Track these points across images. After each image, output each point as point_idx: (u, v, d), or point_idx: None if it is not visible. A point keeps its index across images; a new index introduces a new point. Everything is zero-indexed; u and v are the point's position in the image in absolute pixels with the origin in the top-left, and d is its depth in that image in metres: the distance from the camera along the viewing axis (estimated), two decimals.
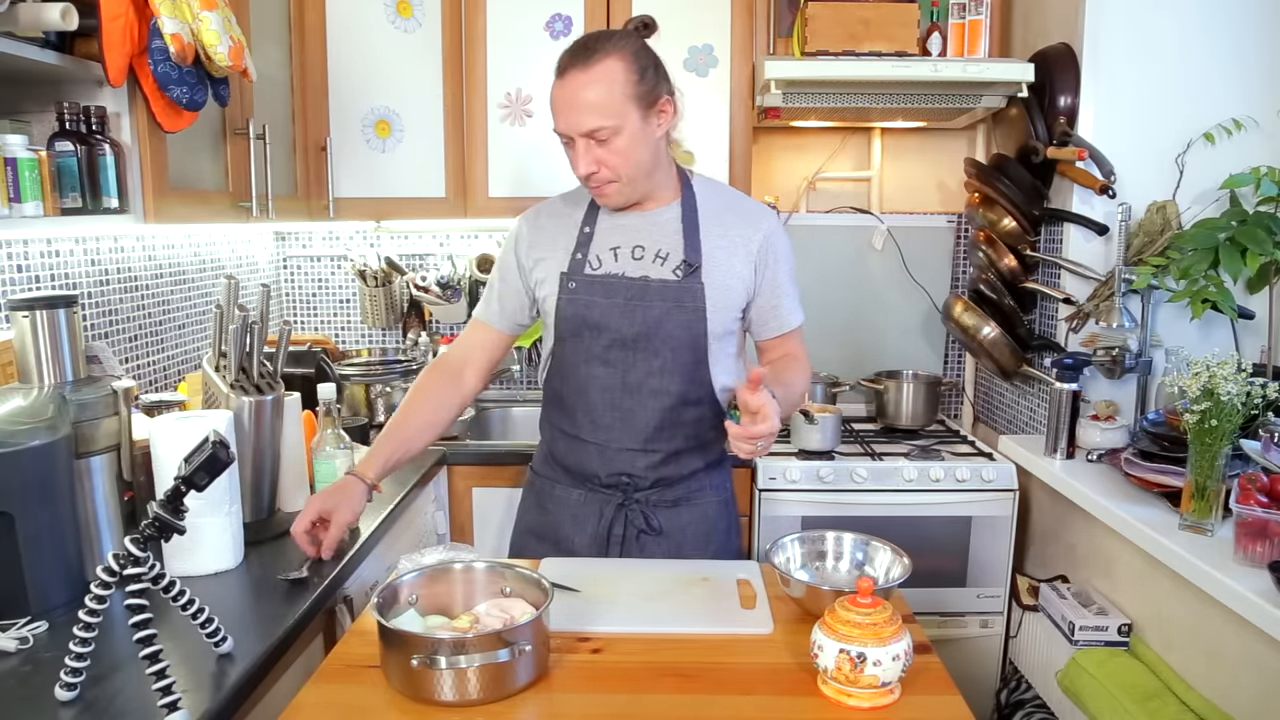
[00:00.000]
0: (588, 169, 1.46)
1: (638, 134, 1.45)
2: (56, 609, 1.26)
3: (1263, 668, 1.46)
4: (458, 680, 1.06)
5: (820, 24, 2.30)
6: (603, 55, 1.42)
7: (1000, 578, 2.29)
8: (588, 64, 1.42)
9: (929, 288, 2.79)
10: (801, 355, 1.62)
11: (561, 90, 1.44)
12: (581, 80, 1.42)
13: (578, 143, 1.45)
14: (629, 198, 1.53)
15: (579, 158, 1.45)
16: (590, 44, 1.44)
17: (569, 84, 1.43)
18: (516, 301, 1.64)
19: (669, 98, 1.49)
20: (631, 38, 1.47)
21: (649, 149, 1.48)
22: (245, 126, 1.91)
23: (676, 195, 1.58)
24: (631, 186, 1.50)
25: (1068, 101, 2.16)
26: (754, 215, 1.58)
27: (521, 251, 1.62)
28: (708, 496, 1.64)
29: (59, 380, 1.35)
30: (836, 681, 1.09)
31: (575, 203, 1.62)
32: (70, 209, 1.46)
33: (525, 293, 1.63)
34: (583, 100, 1.41)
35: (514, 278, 1.63)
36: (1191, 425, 1.57)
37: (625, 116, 1.43)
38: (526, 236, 1.62)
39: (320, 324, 2.92)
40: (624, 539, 1.60)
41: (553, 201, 1.67)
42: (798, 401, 1.57)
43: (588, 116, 1.42)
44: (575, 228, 1.58)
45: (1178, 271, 1.94)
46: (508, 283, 1.64)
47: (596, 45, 1.43)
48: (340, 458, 1.61)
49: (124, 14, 1.43)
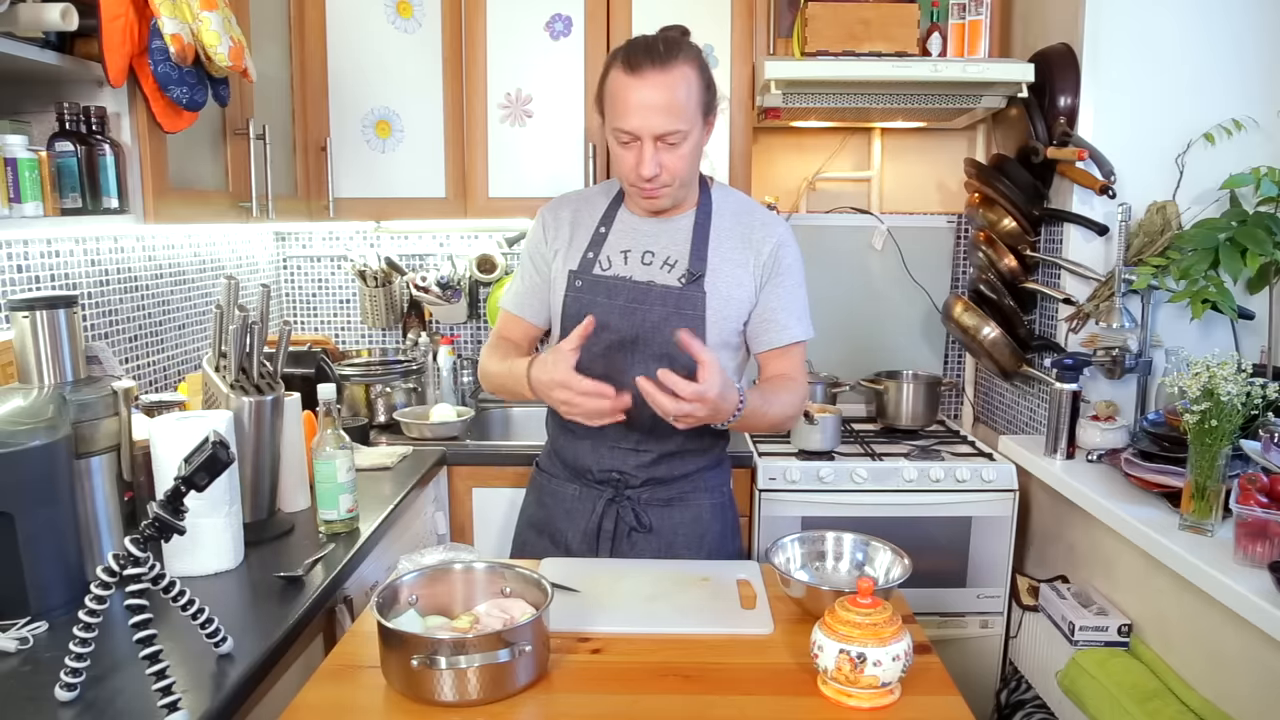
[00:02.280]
0: (652, 171, 1.43)
1: (698, 142, 1.46)
2: (56, 609, 1.26)
3: (1263, 668, 1.46)
4: (458, 680, 1.06)
5: (820, 24, 2.30)
6: (680, 60, 1.40)
7: (1000, 578, 2.29)
8: (666, 67, 1.39)
9: (929, 288, 2.79)
10: (797, 377, 1.57)
11: (637, 89, 1.39)
12: (661, 81, 1.38)
13: (645, 144, 1.41)
14: (675, 201, 1.53)
15: (645, 159, 1.42)
16: (665, 47, 1.41)
17: (646, 83, 1.39)
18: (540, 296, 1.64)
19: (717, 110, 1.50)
20: (695, 47, 1.47)
21: (699, 157, 1.50)
22: (245, 126, 1.91)
23: (694, 204, 1.58)
24: (681, 191, 1.51)
25: (1068, 101, 2.16)
26: (765, 226, 1.57)
27: (547, 241, 1.61)
28: (701, 498, 1.64)
29: (59, 380, 1.35)
30: (836, 682, 1.09)
31: (594, 201, 1.62)
32: (70, 209, 1.46)
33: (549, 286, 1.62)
34: (661, 102, 1.38)
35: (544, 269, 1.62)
36: (1191, 425, 1.57)
37: (694, 124, 1.43)
38: (552, 226, 1.62)
39: (320, 324, 2.92)
40: (615, 535, 1.60)
41: (573, 197, 1.66)
42: (780, 417, 1.52)
43: (665, 119, 1.39)
44: (592, 226, 1.59)
45: (1178, 272, 1.94)
46: (540, 274, 1.63)
47: (672, 49, 1.41)
48: (340, 458, 1.61)
49: (124, 14, 1.43)
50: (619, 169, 1.49)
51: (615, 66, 1.43)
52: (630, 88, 1.39)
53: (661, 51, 1.40)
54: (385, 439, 2.38)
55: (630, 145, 1.44)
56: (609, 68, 1.45)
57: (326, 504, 1.62)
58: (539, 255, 1.63)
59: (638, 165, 1.43)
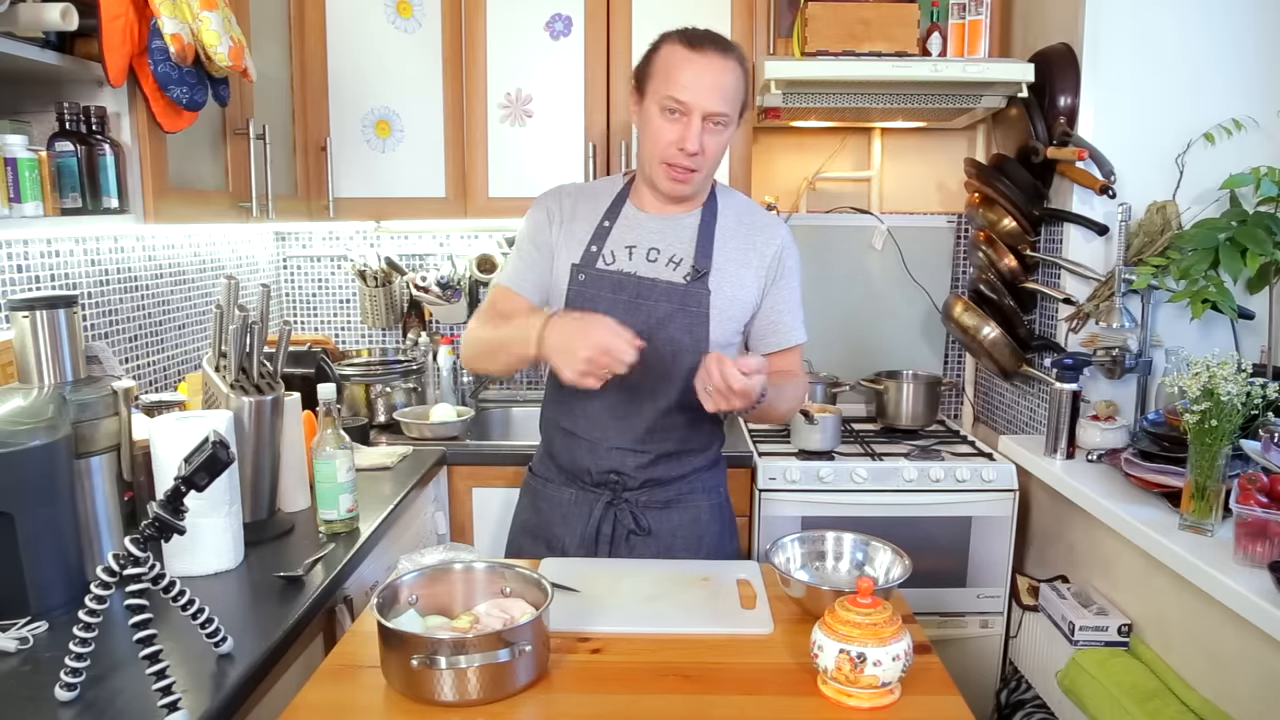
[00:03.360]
0: (697, 146, 1.44)
1: (733, 134, 1.51)
2: (56, 609, 1.26)
3: (1263, 668, 1.46)
4: (458, 680, 1.06)
5: (820, 24, 2.30)
6: (735, 53, 1.47)
7: (1000, 578, 2.29)
8: (726, 52, 1.45)
9: (929, 288, 2.79)
10: (798, 373, 1.62)
11: (697, 64, 1.43)
12: (722, 65, 1.44)
13: (694, 120, 1.43)
14: (696, 190, 1.55)
15: (691, 134, 1.43)
16: (720, 38, 1.47)
17: (709, 62, 1.43)
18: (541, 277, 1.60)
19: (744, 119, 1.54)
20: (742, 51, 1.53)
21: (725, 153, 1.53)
22: (245, 126, 1.91)
23: (701, 203, 1.59)
24: (704, 182, 1.54)
25: (1068, 101, 2.16)
26: (768, 229, 1.59)
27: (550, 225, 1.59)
28: (699, 500, 1.63)
29: (59, 380, 1.35)
30: (836, 681, 1.09)
31: (597, 193, 1.61)
32: (70, 209, 1.46)
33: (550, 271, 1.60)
34: (721, 83, 1.43)
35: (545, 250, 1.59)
36: (1191, 425, 1.57)
37: (736, 114, 1.48)
38: (555, 211, 1.60)
39: (320, 324, 2.92)
40: (613, 538, 1.60)
41: (571, 188, 1.65)
42: (781, 410, 1.57)
43: (721, 99, 1.43)
44: (595, 218, 1.58)
45: (1178, 271, 1.94)
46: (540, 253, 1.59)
47: (728, 41, 1.47)
48: (340, 458, 1.61)
49: (124, 14, 1.43)
50: (655, 142, 1.47)
51: (672, 41, 1.47)
52: (691, 61, 1.43)
53: (720, 40, 1.46)
54: (385, 439, 2.38)
55: (677, 119, 1.45)
56: (661, 44, 1.48)
57: (326, 504, 1.62)
58: (540, 237, 1.59)
59: (682, 139, 1.44)
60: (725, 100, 1.43)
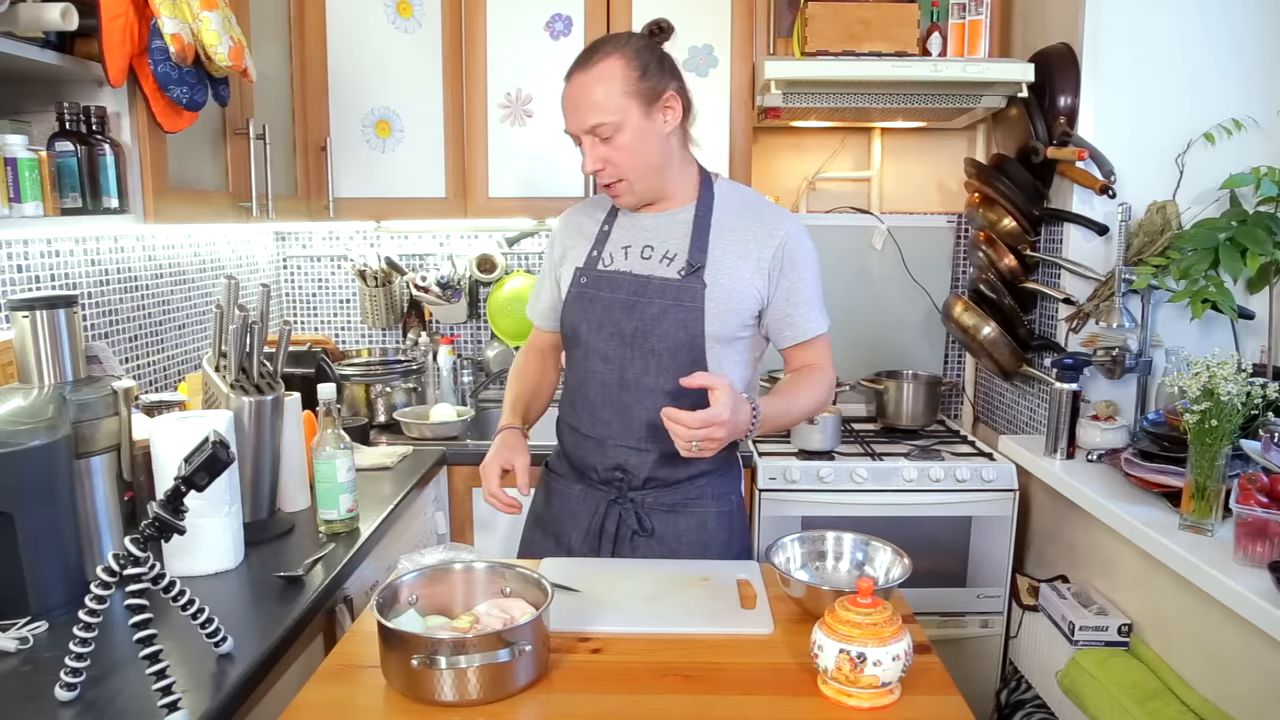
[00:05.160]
0: (594, 166, 1.50)
1: (641, 130, 1.48)
2: (56, 609, 1.26)
3: (1263, 668, 1.46)
4: (458, 680, 1.06)
5: (820, 24, 2.30)
6: (602, 55, 1.47)
7: (1000, 578, 2.29)
8: (588, 65, 1.48)
9: (929, 288, 2.79)
10: (824, 365, 1.61)
11: (567, 91, 1.50)
12: (580, 81, 1.48)
13: (584, 140, 1.50)
14: (641, 196, 1.55)
15: (586, 158, 1.51)
16: (594, 47, 1.51)
17: (572, 85, 1.50)
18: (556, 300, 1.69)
19: (673, 93, 1.50)
20: (636, 38, 1.51)
21: (655, 146, 1.50)
22: (245, 126, 1.91)
23: (694, 197, 1.59)
24: (641, 183, 1.53)
25: (1068, 101, 2.16)
26: (772, 220, 1.58)
27: (556, 250, 1.68)
28: (707, 506, 1.61)
29: (59, 380, 1.35)
30: (836, 681, 1.09)
31: (601, 204, 1.67)
32: (70, 209, 1.46)
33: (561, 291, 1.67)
34: (584, 99, 1.47)
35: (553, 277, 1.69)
36: (1191, 425, 1.57)
37: (625, 113, 1.46)
38: (560, 234, 1.69)
39: (320, 324, 2.92)
40: (616, 537, 1.60)
41: (579, 205, 1.72)
42: (805, 411, 1.58)
43: (590, 112, 1.46)
44: (597, 226, 1.63)
45: (1178, 271, 1.94)
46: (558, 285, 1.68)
47: (598, 47, 1.50)
48: (340, 458, 1.61)
49: (124, 14, 1.43)
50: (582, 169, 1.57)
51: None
52: (565, 92, 1.51)
53: (589, 51, 1.50)
54: (385, 439, 2.38)
55: (580, 146, 1.53)
56: None
57: (326, 504, 1.62)
58: (553, 265, 1.69)
59: (584, 163, 1.52)
60: (597, 110, 1.45)
